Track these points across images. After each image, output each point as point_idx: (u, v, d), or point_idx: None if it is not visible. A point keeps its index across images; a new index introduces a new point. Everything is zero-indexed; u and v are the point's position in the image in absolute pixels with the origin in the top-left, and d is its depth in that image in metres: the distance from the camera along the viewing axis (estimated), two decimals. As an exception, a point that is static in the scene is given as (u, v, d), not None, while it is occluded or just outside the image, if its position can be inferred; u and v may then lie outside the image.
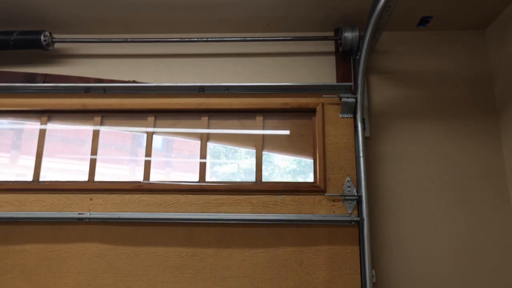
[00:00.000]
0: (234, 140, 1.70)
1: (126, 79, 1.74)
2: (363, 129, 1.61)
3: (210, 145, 1.69)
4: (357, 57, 1.68)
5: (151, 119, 1.68)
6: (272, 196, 1.57)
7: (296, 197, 1.57)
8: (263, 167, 1.64)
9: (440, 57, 1.77)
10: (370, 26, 1.44)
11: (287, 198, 1.57)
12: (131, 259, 1.51)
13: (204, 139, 1.68)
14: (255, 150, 1.67)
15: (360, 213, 1.53)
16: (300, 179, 1.71)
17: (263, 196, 1.57)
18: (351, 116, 1.65)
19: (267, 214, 1.54)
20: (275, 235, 1.54)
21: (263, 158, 1.66)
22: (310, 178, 1.68)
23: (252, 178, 1.66)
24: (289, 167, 1.72)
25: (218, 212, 1.55)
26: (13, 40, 1.66)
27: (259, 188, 1.58)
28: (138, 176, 1.64)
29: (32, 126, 1.71)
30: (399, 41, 1.79)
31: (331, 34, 1.80)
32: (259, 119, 1.70)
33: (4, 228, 1.52)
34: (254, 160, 1.67)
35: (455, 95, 1.72)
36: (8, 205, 1.53)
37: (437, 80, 1.75)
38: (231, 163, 1.72)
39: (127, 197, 1.55)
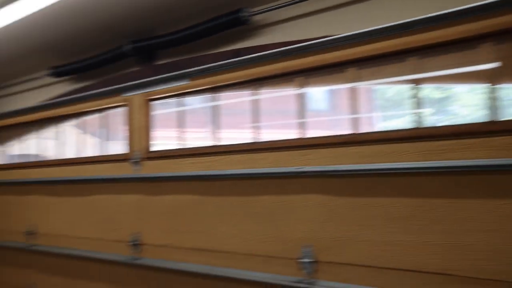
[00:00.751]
0: (454, 77, 1.46)
1: (319, 36, 1.73)
2: None
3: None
4: None
5: (351, 70, 1.63)
6: (517, 136, 1.28)
7: (558, 135, 1.23)
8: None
9: None
10: None
11: (542, 137, 1.25)
12: (352, 209, 1.54)
13: (414, 82, 1.51)
14: (483, 85, 1.39)
15: None
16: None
17: (503, 137, 1.30)
18: None
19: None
20: (529, 183, 1.26)
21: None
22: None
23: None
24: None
25: (443, 160, 1.38)
26: (219, 24, 1.90)
27: (497, 129, 1.31)
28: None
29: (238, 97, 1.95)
30: None
31: None
32: (484, 46, 1.39)
33: (243, 182, 1.79)
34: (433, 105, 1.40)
35: None
36: (242, 163, 1.80)
37: None
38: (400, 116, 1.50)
39: (340, 150, 1.57)
